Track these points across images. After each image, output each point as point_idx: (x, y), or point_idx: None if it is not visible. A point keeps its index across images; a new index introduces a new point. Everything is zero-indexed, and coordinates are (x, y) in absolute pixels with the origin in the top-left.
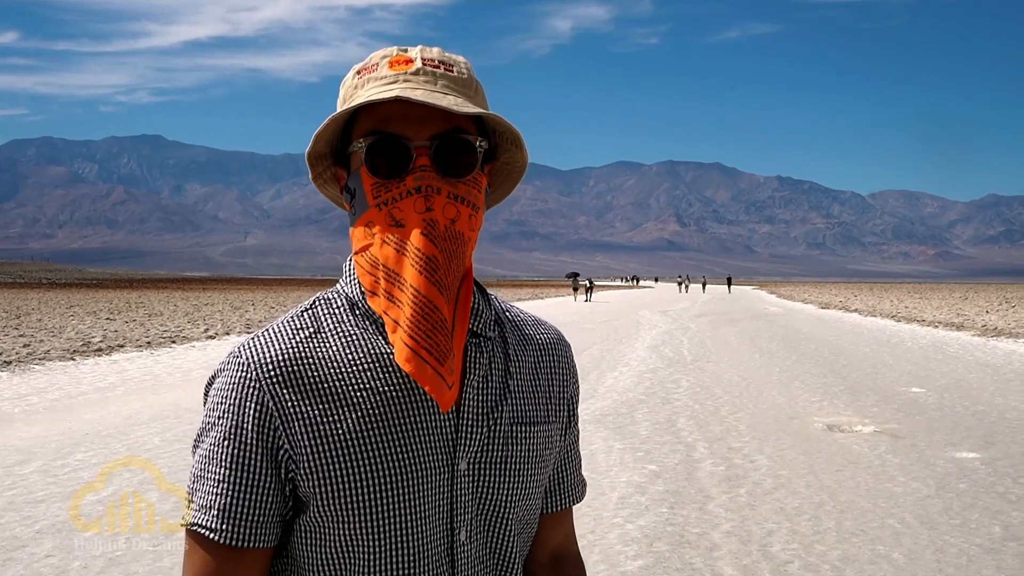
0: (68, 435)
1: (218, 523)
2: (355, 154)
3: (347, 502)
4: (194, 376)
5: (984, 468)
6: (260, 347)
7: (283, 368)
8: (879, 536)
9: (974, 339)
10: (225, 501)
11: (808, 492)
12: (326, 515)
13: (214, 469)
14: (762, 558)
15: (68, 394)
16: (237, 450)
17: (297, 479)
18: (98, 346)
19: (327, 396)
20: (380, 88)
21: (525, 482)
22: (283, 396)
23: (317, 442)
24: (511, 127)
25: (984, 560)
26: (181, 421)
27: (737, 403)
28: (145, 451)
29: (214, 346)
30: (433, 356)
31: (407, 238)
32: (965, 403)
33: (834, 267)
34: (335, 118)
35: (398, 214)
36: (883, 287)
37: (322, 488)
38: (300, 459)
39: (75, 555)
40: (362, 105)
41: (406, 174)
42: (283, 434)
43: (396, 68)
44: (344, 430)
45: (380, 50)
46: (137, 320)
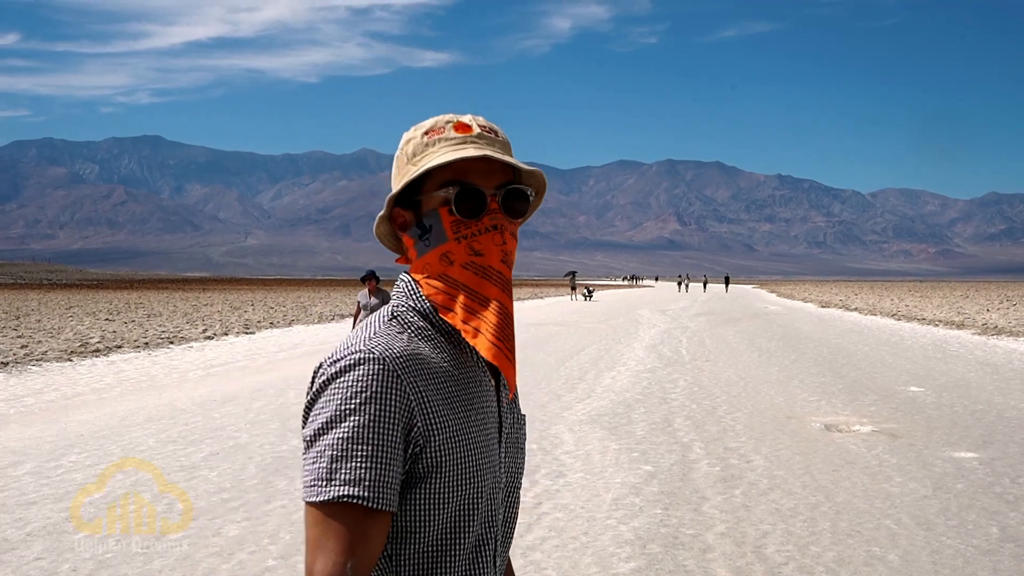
0: (62, 436)
1: (369, 492)
2: (433, 197)
3: (457, 469)
4: (191, 377)
5: (982, 468)
6: (384, 346)
7: (409, 361)
8: (875, 537)
9: (974, 338)
10: (373, 474)
11: (804, 493)
12: (438, 482)
13: (362, 448)
14: (756, 560)
15: (64, 395)
16: (383, 430)
17: (424, 452)
18: (96, 347)
19: (437, 385)
20: (454, 147)
21: (525, 460)
22: (415, 384)
23: (439, 422)
24: (543, 180)
25: (981, 562)
26: (176, 422)
27: (735, 403)
28: (139, 452)
29: (212, 347)
30: (512, 352)
31: (487, 264)
32: (964, 402)
33: (835, 266)
34: (424, 168)
35: (477, 246)
36: (884, 285)
37: (443, 459)
38: (429, 435)
39: (65, 557)
40: (452, 161)
41: (483, 215)
42: (417, 415)
43: (461, 132)
44: (451, 412)
45: (440, 116)
46: (136, 321)
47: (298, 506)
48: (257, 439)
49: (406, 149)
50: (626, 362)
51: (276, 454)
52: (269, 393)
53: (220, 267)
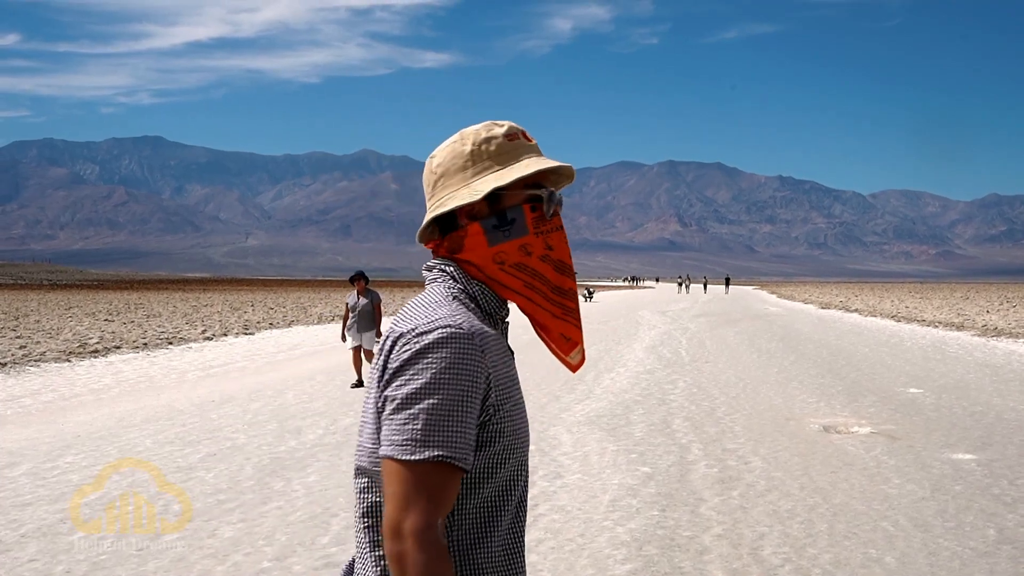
0: (59, 437)
1: (458, 454)
2: (519, 194)
3: (515, 436)
4: (189, 377)
5: (980, 470)
6: (469, 323)
7: (486, 338)
8: (871, 539)
9: (974, 339)
10: (462, 439)
11: (802, 494)
12: (500, 447)
13: (455, 415)
14: (752, 562)
15: (62, 396)
16: (470, 399)
17: (492, 420)
18: (95, 347)
19: (501, 360)
20: (538, 156)
21: None
22: (491, 359)
23: (505, 394)
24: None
25: (977, 564)
26: (174, 423)
27: (733, 404)
28: (136, 453)
29: (211, 348)
30: (581, 332)
31: (560, 258)
32: (963, 404)
33: (835, 267)
34: (534, 168)
35: (550, 241)
36: (884, 287)
37: (506, 426)
38: (499, 406)
39: (59, 559)
40: (551, 168)
41: (553, 215)
42: (492, 387)
43: (528, 140)
44: (512, 385)
45: (499, 122)
46: (135, 321)
47: (294, 507)
48: (255, 440)
49: (487, 147)
50: (626, 363)
51: (273, 455)
52: (267, 394)
53: (221, 268)
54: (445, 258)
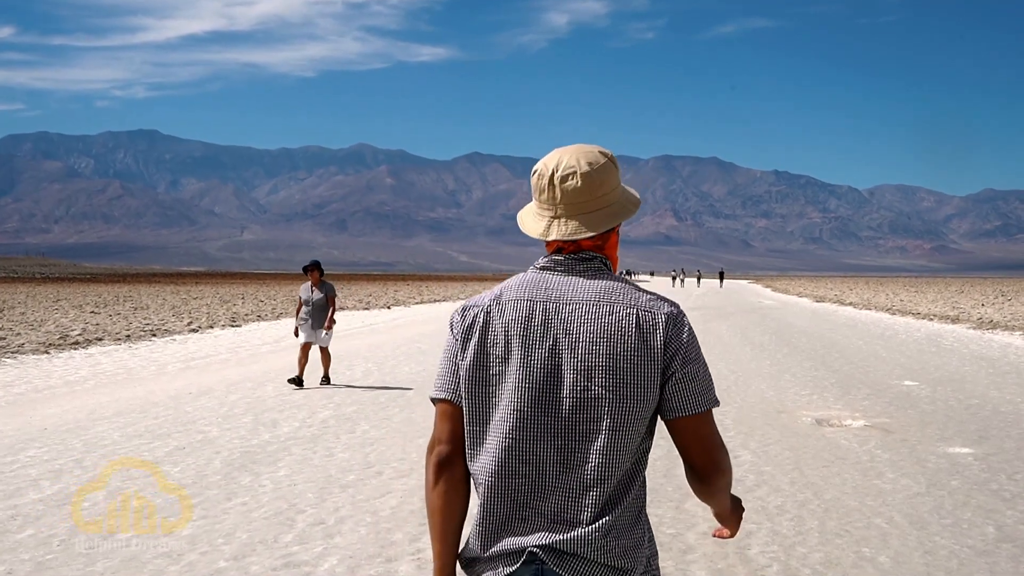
0: (24, 431)
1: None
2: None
3: None
4: (169, 370)
5: (977, 464)
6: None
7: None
8: (865, 537)
9: (969, 332)
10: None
11: (792, 489)
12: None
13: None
14: (739, 562)
15: (35, 388)
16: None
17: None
18: (75, 339)
19: None
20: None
21: None
22: None
23: None
24: None
25: (976, 563)
26: (146, 416)
27: (725, 396)
28: (103, 447)
29: (195, 340)
30: None
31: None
32: (959, 396)
33: (831, 261)
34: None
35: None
36: (879, 281)
37: None
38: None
39: (2, 559)
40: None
41: None
42: None
43: None
44: None
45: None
46: (121, 314)
47: (259, 503)
48: (227, 433)
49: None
50: None
51: (244, 448)
52: (246, 386)
53: (216, 262)
54: (591, 250)
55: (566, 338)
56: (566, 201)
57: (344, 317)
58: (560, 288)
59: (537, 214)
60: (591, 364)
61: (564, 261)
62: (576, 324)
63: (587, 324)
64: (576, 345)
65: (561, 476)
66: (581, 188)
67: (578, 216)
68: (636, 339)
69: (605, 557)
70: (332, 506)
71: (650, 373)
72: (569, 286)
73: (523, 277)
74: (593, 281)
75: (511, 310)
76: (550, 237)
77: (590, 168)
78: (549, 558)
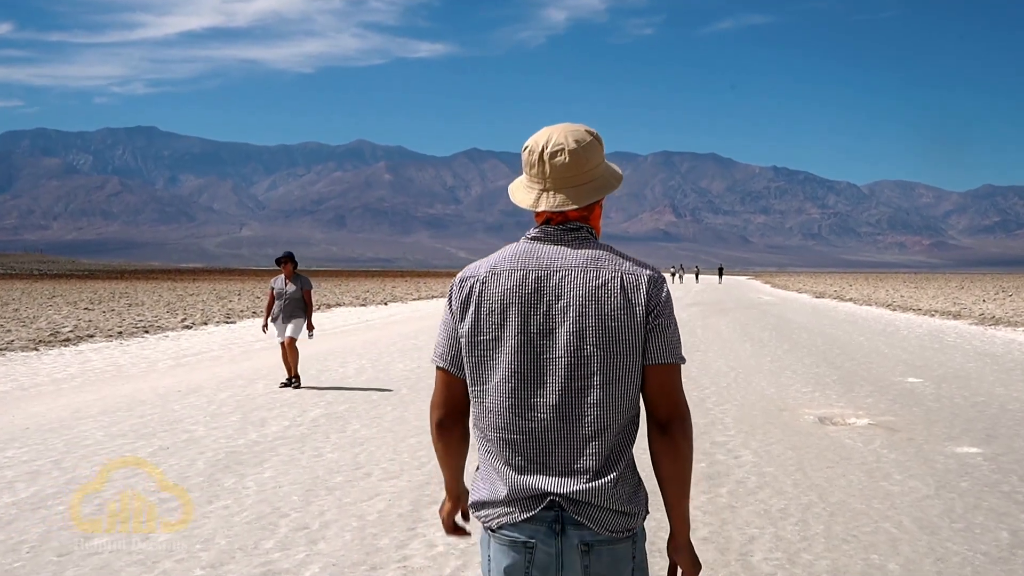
0: (6, 430)
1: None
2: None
3: None
4: (159, 367)
5: (987, 464)
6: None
7: None
8: (873, 543)
9: (971, 328)
10: None
11: (795, 492)
12: None
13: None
14: (741, 569)
15: (21, 385)
16: None
17: None
18: (66, 336)
19: None
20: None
21: None
22: None
23: None
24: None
25: (991, 571)
26: (132, 414)
27: (724, 394)
28: (85, 446)
29: (188, 336)
30: None
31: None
32: (964, 394)
33: (830, 257)
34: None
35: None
36: (879, 277)
37: None
38: None
39: None
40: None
41: None
42: None
43: None
44: None
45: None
46: (115, 310)
47: (241, 507)
48: (213, 432)
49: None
50: None
51: (230, 448)
52: (237, 384)
53: (215, 258)
54: (578, 220)
55: (558, 302)
56: (554, 176)
57: (340, 313)
58: (551, 256)
59: (527, 187)
60: (583, 325)
61: (553, 232)
62: (567, 289)
63: (577, 288)
64: (568, 308)
65: (563, 430)
66: (569, 164)
67: (565, 189)
68: (622, 299)
69: (617, 504)
70: (317, 510)
71: (634, 327)
72: (559, 254)
73: (515, 247)
74: (581, 249)
75: (506, 279)
76: (539, 208)
77: (577, 145)
78: (567, 505)
